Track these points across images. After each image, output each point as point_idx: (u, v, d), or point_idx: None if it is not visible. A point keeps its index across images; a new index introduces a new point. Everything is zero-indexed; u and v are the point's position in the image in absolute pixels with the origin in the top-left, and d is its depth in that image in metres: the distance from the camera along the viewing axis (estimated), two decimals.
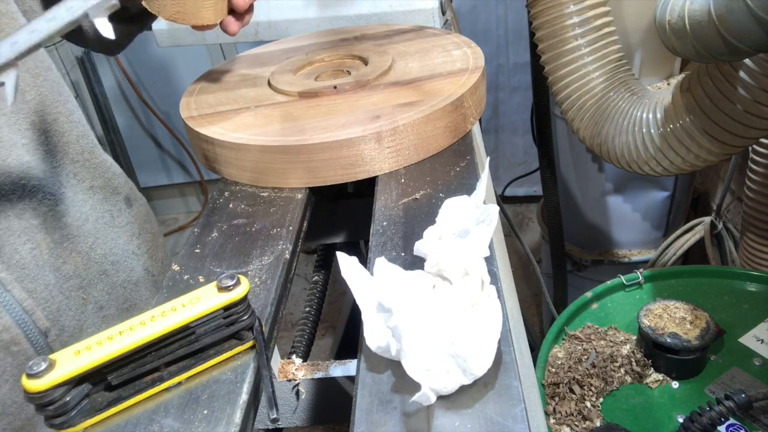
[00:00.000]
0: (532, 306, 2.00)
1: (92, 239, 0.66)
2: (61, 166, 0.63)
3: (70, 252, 0.63)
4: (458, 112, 0.64)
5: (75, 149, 0.66)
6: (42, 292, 0.59)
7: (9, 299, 0.56)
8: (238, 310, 0.41)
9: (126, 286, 0.69)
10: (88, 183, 0.67)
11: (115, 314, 0.67)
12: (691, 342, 0.76)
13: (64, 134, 0.64)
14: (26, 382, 0.36)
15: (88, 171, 0.67)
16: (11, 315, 0.56)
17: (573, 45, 0.93)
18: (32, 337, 0.57)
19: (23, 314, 0.57)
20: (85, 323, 0.63)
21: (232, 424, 0.37)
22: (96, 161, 0.69)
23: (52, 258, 0.61)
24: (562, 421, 0.74)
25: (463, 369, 0.36)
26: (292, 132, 0.61)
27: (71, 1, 0.46)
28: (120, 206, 0.71)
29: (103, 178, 0.69)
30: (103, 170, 0.69)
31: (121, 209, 0.71)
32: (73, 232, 0.63)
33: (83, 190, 0.66)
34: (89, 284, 0.65)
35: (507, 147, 2.32)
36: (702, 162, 0.87)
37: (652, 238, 1.45)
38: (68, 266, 0.62)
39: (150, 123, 2.52)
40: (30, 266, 0.58)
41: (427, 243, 0.46)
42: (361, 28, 0.88)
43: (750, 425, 0.70)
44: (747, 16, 0.61)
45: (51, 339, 0.59)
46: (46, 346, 0.59)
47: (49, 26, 0.46)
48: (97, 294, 0.65)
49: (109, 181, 0.70)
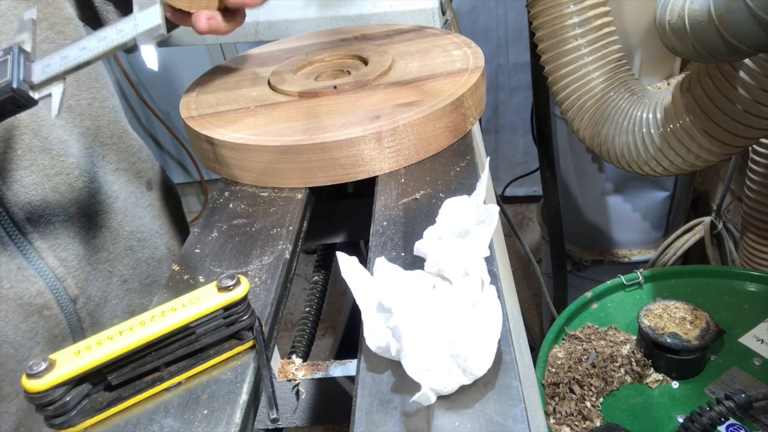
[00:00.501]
0: (532, 306, 2.00)
1: (121, 216, 0.71)
2: (93, 147, 0.68)
3: (100, 227, 0.68)
4: (458, 112, 0.64)
5: (106, 133, 0.70)
6: (72, 262, 0.63)
7: (43, 266, 0.60)
8: (238, 310, 0.41)
9: (149, 262, 0.74)
10: (114, 165, 0.71)
11: (137, 288, 0.72)
12: (691, 342, 0.76)
13: (97, 118, 0.68)
14: (26, 382, 0.36)
15: (115, 154, 0.71)
16: (45, 281, 0.60)
17: (573, 45, 0.93)
18: (63, 303, 0.61)
19: (55, 281, 0.61)
20: (110, 294, 0.68)
21: (232, 424, 0.37)
22: (124, 146, 0.73)
23: (83, 231, 0.65)
24: (562, 421, 0.74)
25: (463, 369, 0.36)
26: (293, 132, 0.61)
27: (122, 24, 0.48)
28: (142, 189, 0.76)
29: (128, 161, 0.74)
30: (128, 154, 0.74)
31: (143, 192, 0.76)
32: (104, 209, 0.68)
33: (111, 171, 0.71)
34: (116, 258, 0.69)
35: (507, 147, 2.32)
36: (702, 162, 0.87)
37: (652, 238, 1.45)
38: (98, 240, 0.67)
39: (150, 123, 2.52)
40: (62, 236, 0.62)
41: (427, 243, 0.46)
42: (361, 28, 0.88)
43: (750, 425, 0.70)
44: (747, 16, 0.61)
45: (79, 306, 0.63)
46: (74, 313, 0.63)
47: (99, 46, 0.48)
48: (122, 268, 0.70)
49: (133, 165, 0.74)
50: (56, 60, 0.46)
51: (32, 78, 0.45)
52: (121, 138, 0.73)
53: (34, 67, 0.45)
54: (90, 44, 0.47)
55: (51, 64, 0.46)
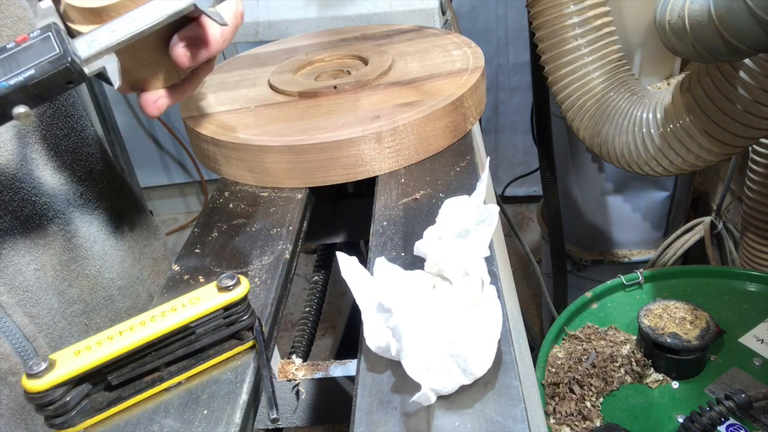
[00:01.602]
0: (532, 306, 2.00)
1: (101, 262, 0.62)
2: (69, 184, 0.60)
3: (77, 275, 0.60)
4: (458, 112, 0.64)
5: (84, 167, 0.62)
6: (45, 317, 0.55)
7: (9, 325, 0.53)
8: (238, 310, 0.41)
9: (130, 312, 0.66)
10: (93, 204, 0.63)
11: None
12: (691, 342, 0.76)
13: (74, 151, 0.61)
14: (26, 382, 0.36)
15: (95, 192, 0.63)
16: (11, 342, 0.53)
17: (573, 45, 0.93)
18: None
19: (24, 341, 0.54)
20: None
21: (232, 424, 0.37)
22: (105, 182, 0.65)
23: (57, 281, 0.57)
24: (562, 421, 0.74)
25: (463, 369, 0.36)
26: (292, 132, 0.61)
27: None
28: (123, 229, 0.68)
29: (108, 199, 0.65)
30: (110, 191, 0.66)
31: (123, 232, 0.67)
32: (82, 254, 0.60)
33: (89, 211, 0.62)
34: (93, 310, 0.61)
35: (507, 147, 2.32)
36: (702, 162, 0.87)
37: (652, 238, 1.45)
38: (73, 290, 0.59)
39: (150, 123, 2.52)
40: (33, 289, 0.55)
41: (427, 243, 0.46)
42: (361, 28, 0.88)
43: (750, 425, 0.70)
44: (747, 16, 0.61)
45: None
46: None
47: (153, 15, 0.43)
48: (101, 321, 0.62)
49: (114, 203, 0.66)
50: (103, 34, 0.43)
51: (78, 53, 0.42)
52: (101, 174, 0.64)
53: (77, 43, 0.42)
54: (140, 14, 0.43)
55: (96, 39, 0.42)
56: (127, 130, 2.50)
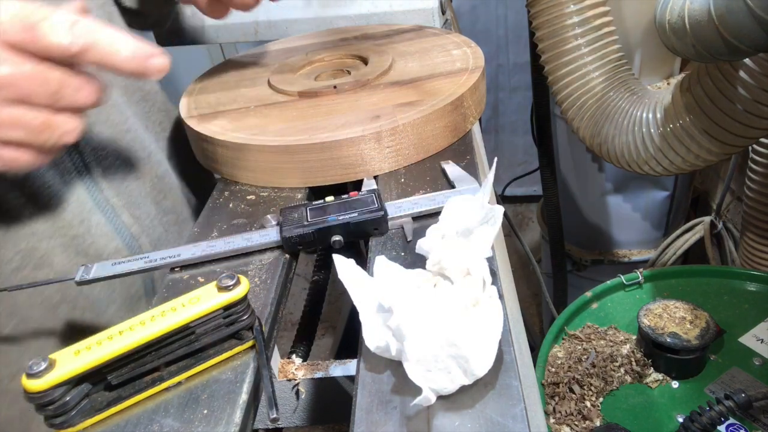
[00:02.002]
0: (532, 306, 2.00)
1: (186, 189, 0.74)
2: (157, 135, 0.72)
3: (168, 190, 0.70)
4: (458, 111, 0.64)
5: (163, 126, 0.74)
6: (145, 220, 0.64)
7: (119, 224, 0.61)
8: (238, 310, 0.41)
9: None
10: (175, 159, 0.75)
11: None
12: (691, 342, 0.76)
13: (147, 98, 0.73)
14: (26, 382, 0.36)
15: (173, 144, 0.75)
16: (122, 239, 0.61)
17: (573, 45, 0.93)
18: None
19: (131, 239, 0.62)
20: None
21: (232, 424, 0.37)
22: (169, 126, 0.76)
23: (153, 192, 0.67)
24: (562, 421, 0.74)
25: (465, 369, 0.36)
26: (292, 132, 0.61)
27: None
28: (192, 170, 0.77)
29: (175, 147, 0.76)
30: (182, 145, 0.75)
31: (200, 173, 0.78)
32: (167, 179, 0.71)
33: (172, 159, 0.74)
34: (184, 221, 0.71)
35: (507, 147, 2.32)
36: (702, 162, 0.87)
37: (652, 237, 1.45)
38: (167, 202, 0.69)
39: None
40: (135, 195, 0.64)
41: (430, 241, 0.46)
42: (361, 28, 0.88)
43: (750, 425, 0.70)
44: (747, 16, 0.61)
45: None
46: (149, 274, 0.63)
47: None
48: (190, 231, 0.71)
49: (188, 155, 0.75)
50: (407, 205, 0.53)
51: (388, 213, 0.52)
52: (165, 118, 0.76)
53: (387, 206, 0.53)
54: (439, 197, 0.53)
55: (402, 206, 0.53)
56: None
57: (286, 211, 0.53)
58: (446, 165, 0.59)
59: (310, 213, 0.52)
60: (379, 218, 0.51)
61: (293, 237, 0.50)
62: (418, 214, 0.53)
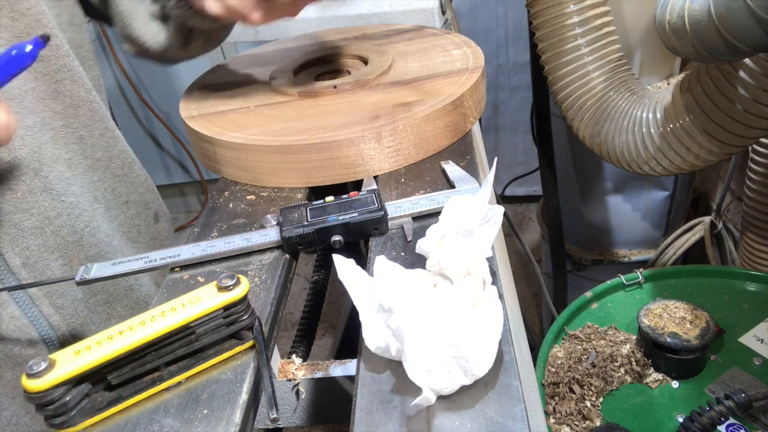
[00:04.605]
0: (532, 306, 2.00)
1: (120, 256, 0.65)
2: (102, 180, 0.65)
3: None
4: (458, 111, 0.64)
5: (117, 164, 0.67)
6: (68, 308, 0.60)
7: (37, 314, 0.58)
8: (238, 310, 0.41)
9: (148, 301, 0.71)
10: (124, 198, 0.68)
11: None
12: (691, 342, 0.76)
13: (109, 148, 0.66)
14: (26, 382, 0.36)
15: (126, 186, 0.69)
16: (38, 330, 0.58)
17: (573, 45, 0.93)
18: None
19: (49, 330, 0.59)
20: None
21: (232, 424, 0.37)
22: (134, 176, 0.70)
23: None
24: (562, 421, 0.74)
25: (465, 370, 0.36)
26: (292, 132, 0.61)
27: None
28: (149, 221, 0.73)
29: (137, 192, 0.71)
30: (138, 185, 0.71)
31: (149, 224, 0.73)
32: (103, 249, 0.65)
33: (118, 205, 0.68)
34: (115, 299, 0.66)
35: (507, 147, 2.32)
36: (702, 162, 0.87)
37: (652, 238, 1.45)
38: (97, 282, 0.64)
39: (150, 123, 2.52)
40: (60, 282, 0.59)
41: (430, 241, 0.46)
42: (361, 28, 0.88)
43: (750, 425, 0.70)
44: (747, 16, 0.61)
45: None
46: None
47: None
48: (122, 309, 0.67)
49: (142, 196, 0.72)
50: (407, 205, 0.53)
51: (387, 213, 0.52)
52: (131, 168, 0.70)
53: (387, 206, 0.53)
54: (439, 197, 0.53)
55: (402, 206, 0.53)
56: (127, 130, 2.50)
57: (286, 211, 0.53)
58: (446, 165, 0.59)
59: (310, 213, 0.52)
60: (379, 218, 0.51)
61: (293, 237, 0.50)
62: (418, 214, 0.53)
